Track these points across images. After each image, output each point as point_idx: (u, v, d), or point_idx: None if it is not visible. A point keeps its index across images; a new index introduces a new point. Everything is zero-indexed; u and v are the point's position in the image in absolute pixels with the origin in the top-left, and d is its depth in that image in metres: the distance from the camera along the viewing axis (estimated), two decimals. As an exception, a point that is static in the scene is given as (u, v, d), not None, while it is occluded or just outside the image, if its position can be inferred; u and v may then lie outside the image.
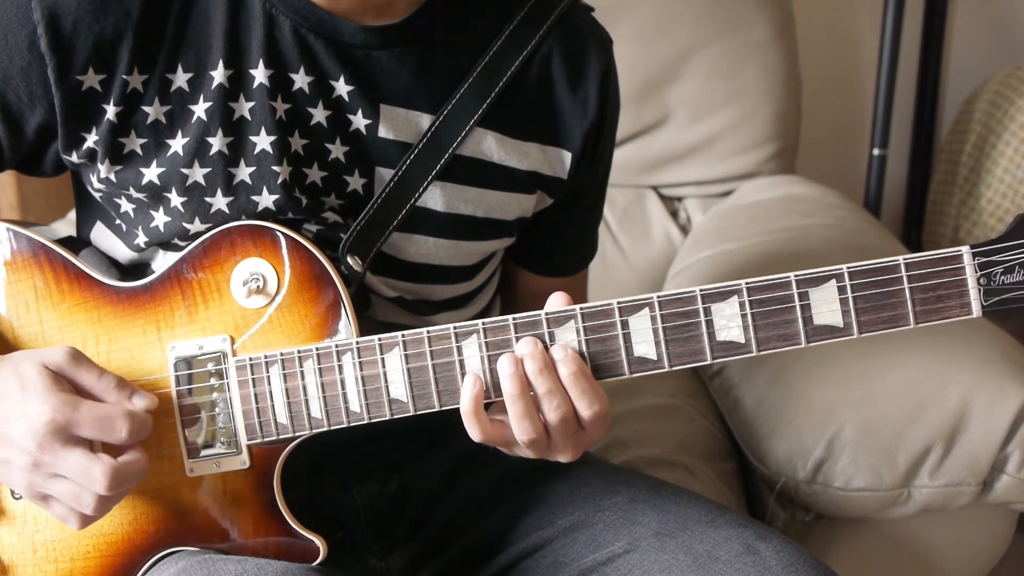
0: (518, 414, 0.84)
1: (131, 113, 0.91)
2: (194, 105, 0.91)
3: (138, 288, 0.93)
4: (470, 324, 0.85)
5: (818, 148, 2.16)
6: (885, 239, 1.64)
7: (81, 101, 0.91)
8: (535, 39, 0.97)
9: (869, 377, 1.27)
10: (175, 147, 0.92)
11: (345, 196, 0.95)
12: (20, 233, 0.95)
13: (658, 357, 0.83)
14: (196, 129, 0.91)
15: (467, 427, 0.86)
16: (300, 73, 0.92)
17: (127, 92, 0.91)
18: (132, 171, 0.92)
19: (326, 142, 0.94)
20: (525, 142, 0.99)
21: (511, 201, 1.01)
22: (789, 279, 0.81)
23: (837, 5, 2.23)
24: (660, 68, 1.79)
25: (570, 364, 0.83)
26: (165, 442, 0.91)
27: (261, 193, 0.92)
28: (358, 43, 0.93)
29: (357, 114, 0.94)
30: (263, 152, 0.92)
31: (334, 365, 0.87)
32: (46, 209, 1.90)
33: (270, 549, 0.91)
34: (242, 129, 0.92)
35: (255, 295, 0.90)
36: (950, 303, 0.80)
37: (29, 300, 0.94)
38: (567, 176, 1.02)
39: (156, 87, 0.91)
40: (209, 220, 0.93)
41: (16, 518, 0.94)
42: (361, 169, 0.95)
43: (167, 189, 0.92)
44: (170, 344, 0.91)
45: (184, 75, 0.91)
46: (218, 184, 0.92)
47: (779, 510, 1.33)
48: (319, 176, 0.94)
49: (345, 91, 0.93)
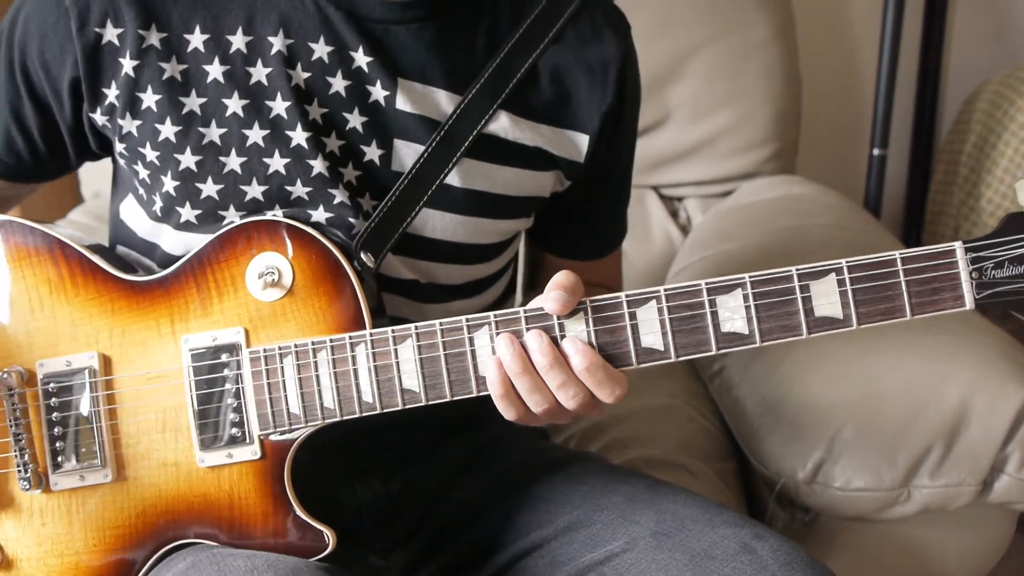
0: (526, 389, 0.85)
1: (147, 68, 0.94)
2: (209, 66, 0.94)
3: (152, 282, 0.94)
4: (482, 316, 0.87)
5: (818, 148, 2.16)
6: (885, 239, 1.64)
7: (100, 54, 0.94)
8: (558, 23, 0.99)
9: (869, 377, 1.27)
10: (192, 106, 0.94)
11: (362, 166, 0.96)
12: (35, 228, 0.96)
13: (665, 348, 0.85)
14: (213, 90, 0.94)
15: (501, 409, 0.87)
16: (320, 43, 0.94)
17: (143, 47, 0.94)
18: (149, 127, 0.95)
19: (344, 111, 0.95)
20: (538, 123, 1.01)
21: (526, 179, 1.02)
22: (791, 272, 0.84)
23: (837, 5, 2.23)
24: (660, 68, 1.79)
25: (583, 357, 0.84)
26: (177, 433, 0.92)
27: (272, 156, 0.94)
28: (377, 17, 0.95)
29: (376, 85, 0.95)
30: (278, 117, 0.94)
31: (347, 356, 0.88)
32: (46, 209, 1.90)
33: (279, 540, 0.92)
34: (258, 93, 0.94)
35: (270, 288, 0.91)
36: (944, 296, 0.83)
37: (43, 294, 0.94)
38: (584, 159, 1.03)
39: (173, 45, 0.94)
40: (221, 181, 0.95)
41: (22, 512, 0.94)
42: (379, 140, 0.96)
43: (180, 149, 0.94)
44: (184, 336, 0.92)
45: (201, 36, 0.94)
46: (232, 144, 0.94)
47: (779, 510, 1.33)
48: (337, 145, 0.96)
49: (364, 62, 0.95)
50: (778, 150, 1.85)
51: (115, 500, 0.93)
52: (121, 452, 0.93)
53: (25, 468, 0.92)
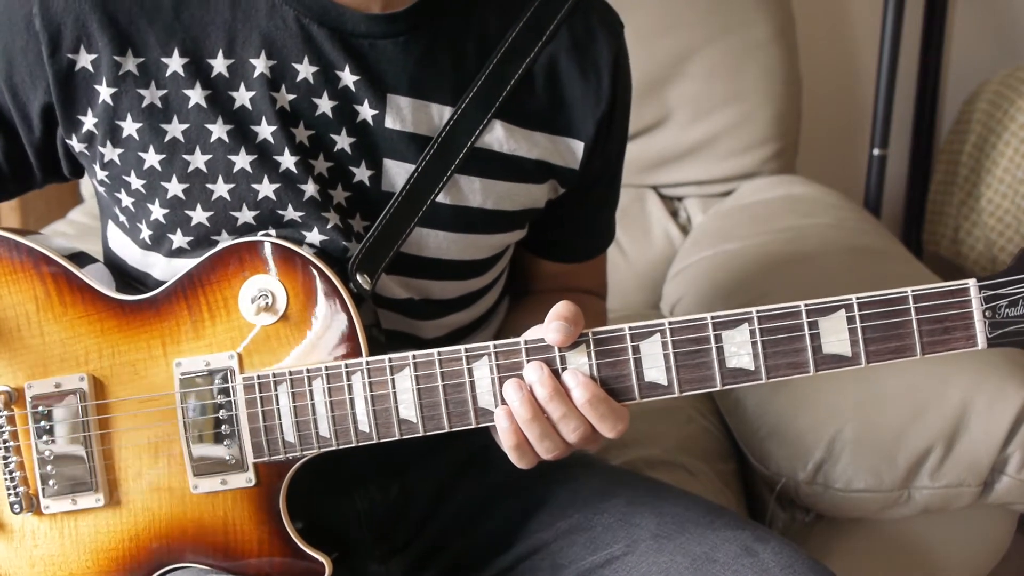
0: (536, 436, 0.84)
1: (125, 96, 0.91)
2: (191, 91, 0.91)
3: (143, 302, 0.92)
4: (481, 346, 0.85)
5: (818, 148, 2.16)
6: (885, 239, 1.64)
7: (74, 81, 0.91)
8: (549, 29, 0.97)
9: (869, 378, 1.27)
10: (174, 132, 0.91)
11: (352, 187, 0.94)
12: (20, 243, 0.93)
13: (668, 383, 0.83)
14: (195, 115, 0.91)
15: (514, 460, 0.86)
16: (304, 63, 0.92)
17: (119, 74, 0.90)
18: (132, 155, 0.92)
19: (332, 133, 0.93)
20: (532, 131, 0.98)
21: (520, 191, 1.00)
22: (799, 308, 0.82)
23: (837, 5, 2.23)
24: (660, 68, 1.79)
25: (585, 390, 0.83)
26: (170, 458, 0.90)
27: (261, 182, 0.92)
28: (362, 32, 0.92)
29: (363, 104, 0.93)
30: (264, 141, 0.92)
31: (343, 384, 0.87)
32: (46, 210, 1.90)
33: (275, 568, 0.90)
34: (242, 118, 0.91)
35: (263, 312, 0.89)
36: (956, 335, 0.81)
37: (30, 312, 0.92)
38: (579, 166, 1.01)
39: (150, 71, 0.91)
40: (211, 207, 0.92)
41: (14, 533, 0.93)
42: (368, 161, 0.94)
43: (167, 177, 0.92)
44: (175, 360, 0.90)
45: (180, 59, 0.91)
46: (219, 171, 0.92)
47: (779, 511, 1.33)
48: (325, 167, 0.93)
49: (351, 81, 0.92)
50: (778, 150, 1.85)
51: (108, 524, 0.92)
52: (114, 476, 0.91)
53: (15, 491, 0.91)
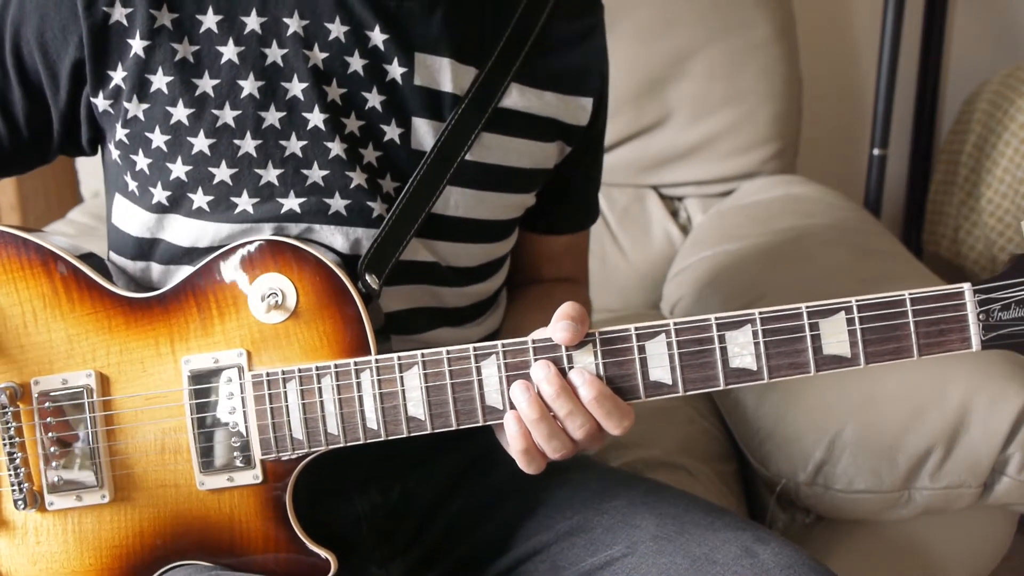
0: (544, 436, 0.85)
1: (158, 49, 0.93)
2: (223, 47, 0.93)
3: (151, 299, 0.92)
4: (489, 345, 0.86)
5: (818, 148, 2.16)
6: (885, 239, 1.64)
7: (107, 34, 0.92)
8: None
9: (869, 379, 1.27)
10: (204, 87, 0.93)
11: (382, 147, 0.96)
12: (28, 240, 0.93)
13: (673, 382, 0.85)
14: (227, 71, 0.93)
15: (522, 465, 0.87)
16: (336, 23, 0.94)
17: (154, 27, 0.92)
18: (159, 109, 0.93)
19: (363, 91, 0.95)
20: (543, 91, 1.02)
21: (535, 149, 1.03)
22: (800, 310, 0.84)
23: (837, 5, 2.23)
24: (660, 68, 1.79)
25: (591, 388, 0.84)
26: (177, 455, 0.91)
27: (289, 138, 0.94)
28: None
29: (393, 63, 0.95)
30: (294, 99, 0.94)
31: (352, 382, 0.87)
32: (46, 209, 1.90)
33: (280, 565, 0.91)
34: (273, 74, 0.94)
35: (274, 310, 0.89)
36: (951, 337, 0.84)
37: (37, 308, 0.92)
38: (587, 123, 1.06)
39: (184, 26, 0.93)
40: (236, 164, 0.94)
41: (16, 530, 0.93)
42: (398, 119, 0.96)
43: (194, 132, 0.93)
44: (184, 357, 0.90)
45: (214, 16, 0.93)
46: (247, 127, 0.93)
47: (780, 512, 1.33)
48: (357, 126, 0.95)
49: (381, 40, 0.95)
50: (778, 150, 1.85)
51: (112, 520, 0.92)
52: (119, 473, 0.91)
53: (20, 487, 0.91)
